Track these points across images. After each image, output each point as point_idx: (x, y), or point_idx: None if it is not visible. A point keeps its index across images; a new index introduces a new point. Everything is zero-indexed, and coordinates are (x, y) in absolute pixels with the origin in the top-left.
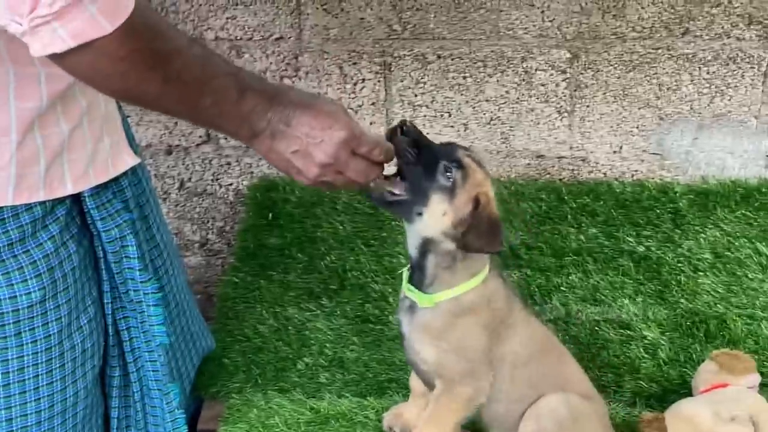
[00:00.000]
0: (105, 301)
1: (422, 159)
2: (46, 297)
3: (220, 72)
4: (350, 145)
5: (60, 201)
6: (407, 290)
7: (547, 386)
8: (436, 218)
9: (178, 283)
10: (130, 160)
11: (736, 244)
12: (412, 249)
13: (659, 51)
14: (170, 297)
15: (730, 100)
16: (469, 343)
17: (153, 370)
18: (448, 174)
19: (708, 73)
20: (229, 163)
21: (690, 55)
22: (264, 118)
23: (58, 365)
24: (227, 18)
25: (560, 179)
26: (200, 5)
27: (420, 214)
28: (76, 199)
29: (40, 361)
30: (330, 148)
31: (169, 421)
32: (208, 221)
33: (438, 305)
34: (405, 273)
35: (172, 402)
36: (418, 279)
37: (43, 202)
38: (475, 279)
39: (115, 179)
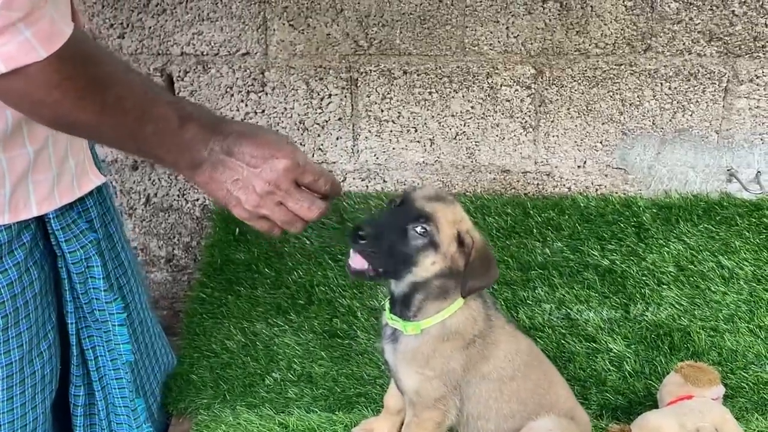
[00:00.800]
0: (69, 321)
1: (389, 242)
2: (9, 325)
3: (161, 100)
4: (293, 174)
5: (26, 225)
6: (390, 320)
7: (536, 402)
8: (426, 268)
9: (142, 301)
10: (95, 180)
11: (699, 257)
12: (400, 290)
13: (622, 67)
14: (134, 315)
15: (691, 115)
16: (453, 366)
17: (119, 388)
18: (420, 233)
19: (670, 88)
20: None
21: (652, 71)
22: (205, 148)
23: (19, 392)
24: (193, 33)
25: (525, 194)
26: (166, 20)
27: (411, 272)
28: (40, 220)
29: (1, 389)
30: (271, 176)
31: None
32: (174, 237)
33: (424, 331)
34: (386, 303)
35: (139, 417)
36: (400, 310)
37: (9, 227)
38: (458, 302)
39: (80, 199)
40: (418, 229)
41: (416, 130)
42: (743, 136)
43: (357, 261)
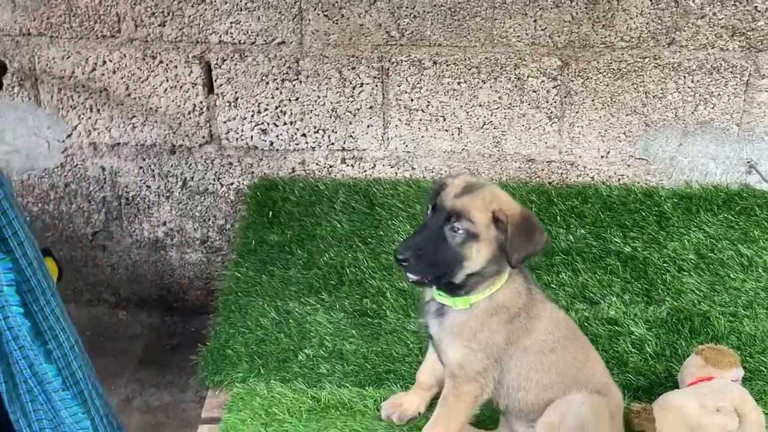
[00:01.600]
0: None
1: (432, 251)
2: None
3: None
4: None
5: None
6: (438, 296)
7: (573, 374)
8: (475, 258)
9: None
10: None
11: (719, 245)
12: (456, 280)
13: (646, 60)
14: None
15: (713, 108)
16: (497, 339)
17: (28, 357)
18: (456, 230)
19: (693, 81)
20: (230, 163)
21: (676, 65)
22: None
23: None
24: (231, 23)
25: (550, 182)
26: (205, 10)
27: (462, 267)
28: None
29: None
30: None
31: (57, 400)
32: (209, 219)
33: (473, 306)
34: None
35: (53, 382)
36: (453, 291)
37: None
38: (502, 277)
39: None
40: (453, 227)
41: (445, 119)
42: (764, 129)
43: (412, 275)
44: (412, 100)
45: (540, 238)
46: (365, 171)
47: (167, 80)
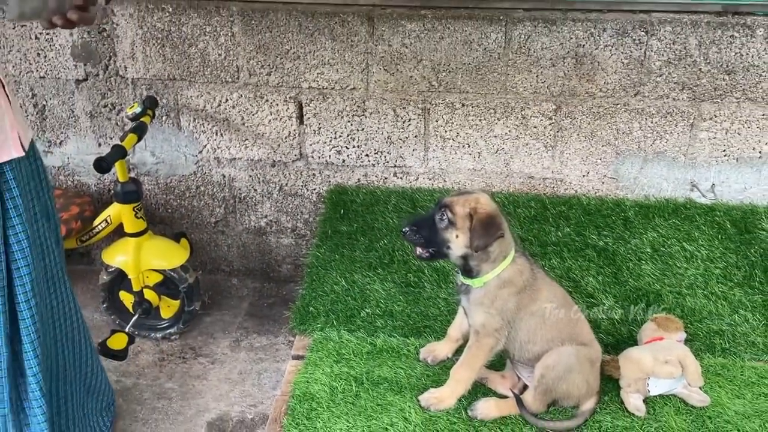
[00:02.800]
0: None
1: (427, 231)
2: None
3: None
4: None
5: None
6: (463, 280)
7: (568, 332)
8: (456, 243)
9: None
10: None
11: (669, 242)
12: (457, 262)
13: (618, 106)
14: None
15: (666, 142)
16: (509, 306)
17: None
18: (441, 217)
19: (652, 122)
20: (314, 174)
21: (640, 110)
22: None
23: None
24: (317, 74)
25: (544, 194)
26: (299, 64)
27: (449, 248)
28: None
29: None
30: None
31: None
32: (297, 214)
33: (486, 284)
34: (459, 271)
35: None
36: (467, 273)
37: None
38: (507, 260)
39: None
40: (440, 215)
41: (469, 146)
42: (703, 158)
43: (417, 249)
44: (445, 131)
45: (494, 232)
46: (410, 182)
47: (270, 114)
